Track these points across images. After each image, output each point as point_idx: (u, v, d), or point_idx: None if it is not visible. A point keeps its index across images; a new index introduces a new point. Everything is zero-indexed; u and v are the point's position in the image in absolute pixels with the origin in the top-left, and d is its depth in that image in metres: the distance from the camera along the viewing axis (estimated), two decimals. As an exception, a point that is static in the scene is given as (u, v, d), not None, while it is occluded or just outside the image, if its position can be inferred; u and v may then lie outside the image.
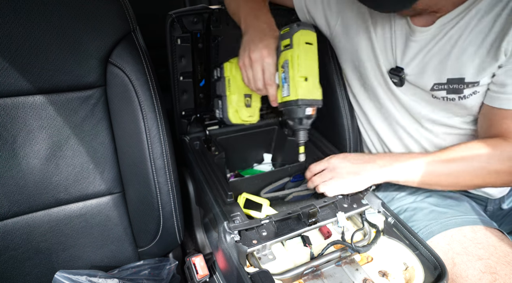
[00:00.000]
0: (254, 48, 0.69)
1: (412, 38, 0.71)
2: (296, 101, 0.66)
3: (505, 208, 0.88)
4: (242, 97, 0.85)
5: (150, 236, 0.79)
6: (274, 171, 0.90)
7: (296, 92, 0.66)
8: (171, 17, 0.78)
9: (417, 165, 0.69)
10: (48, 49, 0.63)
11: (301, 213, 0.67)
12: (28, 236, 0.70)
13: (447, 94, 0.71)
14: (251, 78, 0.72)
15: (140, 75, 0.70)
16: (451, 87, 0.70)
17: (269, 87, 0.71)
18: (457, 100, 0.70)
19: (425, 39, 0.70)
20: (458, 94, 0.70)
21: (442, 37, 0.68)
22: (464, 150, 0.69)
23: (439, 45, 0.69)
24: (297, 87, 0.66)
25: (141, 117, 0.70)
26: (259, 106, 0.89)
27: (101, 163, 0.73)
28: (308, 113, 0.67)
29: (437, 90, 0.71)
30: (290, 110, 0.68)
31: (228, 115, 0.85)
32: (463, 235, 0.68)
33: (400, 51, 0.74)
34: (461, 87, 0.68)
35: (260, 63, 0.69)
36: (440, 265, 0.59)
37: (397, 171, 0.70)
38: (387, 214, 0.69)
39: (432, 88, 0.71)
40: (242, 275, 0.56)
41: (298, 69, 0.66)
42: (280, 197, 0.83)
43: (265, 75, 0.70)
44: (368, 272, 0.61)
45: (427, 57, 0.71)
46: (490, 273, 0.61)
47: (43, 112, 0.66)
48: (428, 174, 0.69)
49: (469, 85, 0.68)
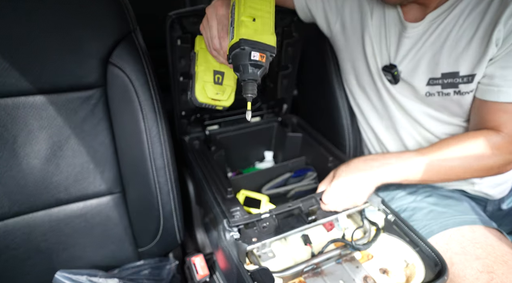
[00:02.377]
0: (210, 4, 0.63)
1: (405, 34, 0.72)
2: (239, 42, 0.54)
3: (505, 209, 0.87)
4: (210, 72, 0.73)
5: (150, 236, 0.79)
6: (275, 167, 0.90)
7: (238, 31, 0.55)
8: (171, 18, 0.79)
9: (411, 165, 0.69)
10: (49, 49, 0.63)
11: (301, 206, 0.67)
12: (29, 236, 0.70)
13: (442, 88, 0.71)
14: (209, 39, 0.64)
15: (140, 75, 0.70)
16: (445, 82, 0.70)
17: (222, 41, 0.61)
18: (453, 94, 0.71)
19: (417, 34, 0.70)
20: (453, 89, 0.70)
21: (433, 31, 0.69)
22: (456, 144, 0.69)
23: (431, 39, 0.69)
24: (240, 26, 0.55)
25: (141, 117, 0.70)
26: (232, 87, 0.75)
27: (101, 163, 0.74)
28: (254, 58, 0.54)
29: (432, 84, 0.71)
30: (234, 56, 0.56)
31: (194, 92, 0.73)
32: (461, 234, 0.68)
33: (394, 48, 0.75)
34: (456, 81, 0.69)
35: (215, 17, 0.62)
36: (441, 262, 0.59)
37: (391, 174, 0.69)
38: (387, 212, 0.69)
39: (428, 82, 0.72)
40: (242, 273, 0.56)
41: (244, 9, 0.56)
42: (282, 193, 0.83)
43: (218, 28, 0.62)
44: (369, 269, 0.61)
45: (420, 53, 0.71)
46: (488, 273, 0.61)
47: (44, 112, 0.67)
48: (422, 172, 0.69)
49: (464, 78, 0.68)
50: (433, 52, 0.70)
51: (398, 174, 0.69)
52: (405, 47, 0.73)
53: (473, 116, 0.72)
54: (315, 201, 0.68)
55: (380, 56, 0.77)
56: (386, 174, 0.69)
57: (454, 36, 0.67)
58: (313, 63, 1.00)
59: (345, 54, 0.85)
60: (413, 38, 0.71)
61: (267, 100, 1.02)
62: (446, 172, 0.69)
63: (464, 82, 0.68)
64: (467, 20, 0.65)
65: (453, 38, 0.67)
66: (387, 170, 0.69)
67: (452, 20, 0.66)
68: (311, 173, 0.87)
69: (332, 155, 0.83)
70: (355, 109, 0.93)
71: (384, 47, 0.76)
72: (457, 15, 0.66)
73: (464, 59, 0.67)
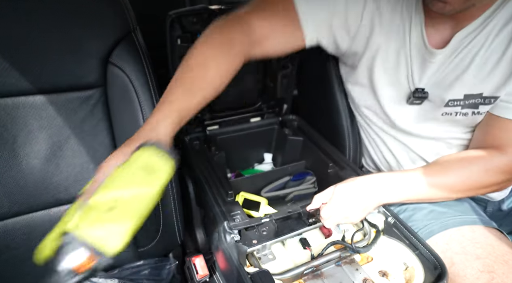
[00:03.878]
0: None
1: (430, 60, 0.68)
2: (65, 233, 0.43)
3: (505, 209, 0.88)
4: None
5: (150, 236, 0.79)
6: (275, 171, 0.90)
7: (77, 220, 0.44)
8: (171, 17, 0.78)
9: (413, 187, 0.68)
10: (48, 49, 0.63)
11: (301, 212, 0.67)
12: (28, 236, 0.70)
13: (462, 109, 0.69)
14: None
15: (140, 75, 0.70)
16: (467, 103, 0.67)
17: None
18: (470, 115, 0.68)
19: (443, 57, 0.67)
20: (473, 109, 0.67)
21: (460, 52, 0.65)
22: (460, 166, 0.68)
23: (456, 61, 0.66)
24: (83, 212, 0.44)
25: (141, 117, 0.70)
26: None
27: (101, 163, 0.73)
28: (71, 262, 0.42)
29: (452, 106, 0.69)
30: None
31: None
32: (461, 234, 0.68)
33: (418, 74, 0.70)
34: (478, 101, 0.66)
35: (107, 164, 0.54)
36: (440, 265, 0.59)
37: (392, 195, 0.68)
38: (387, 214, 0.69)
39: (447, 104, 0.69)
40: (242, 275, 0.56)
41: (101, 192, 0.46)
42: (281, 196, 0.83)
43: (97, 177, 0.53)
44: (368, 272, 0.61)
45: (443, 74, 0.68)
46: (488, 272, 0.61)
47: (43, 112, 0.66)
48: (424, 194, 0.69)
49: (486, 100, 0.65)
50: (457, 73, 0.66)
51: (399, 196, 0.68)
52: (430, 71, 0.69)
53: (480, 130, 0.71)
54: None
55: (399, 80, 0.73)
56: (387, 196, 0.67)
57: (482, 57, 0.63)
58: (313, 63, 0.99)
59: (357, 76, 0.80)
60: (439, 62, 0.67)
61: (267, 100, 1.02)
62: (449, 194, 0.69)
63: (485, 103, 0.66)
64: (495, 40, 0.62)
65: (480, 58, 0.63)
66: (388, 192, 0.67)
67: (480, 41, 0.63)
68: (310, 177, 0.87)
69: (333, 161, 0.83)
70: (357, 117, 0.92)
71: (403, 71, 0.72)
72: (485, 35, 0.62)
73: (489, 81, 0.64)
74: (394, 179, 0.68)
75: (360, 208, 0.65)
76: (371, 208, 0.67)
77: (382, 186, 0.67)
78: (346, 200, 0.64)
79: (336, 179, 0.78)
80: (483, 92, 0.65)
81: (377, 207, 0.68)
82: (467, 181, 0.68)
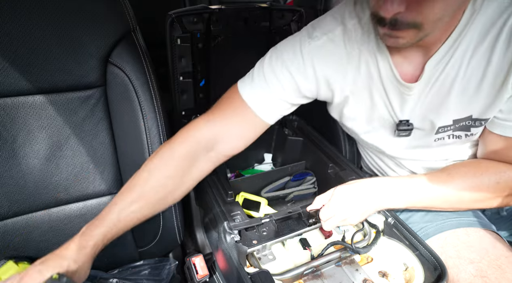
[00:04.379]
0: None
1: (407, 93, 0.64)
2: None
3: (504, 215, 0.87)
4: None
5: (150, 236, 0.79)
6: (275, 171, 0.90)
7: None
8: (171, 17, 0.78)
9: (417, 193, 0.66)
10: (48, 49, 0.63)
11: (301, 212, 0.67)
12: (28, 236, 0.70)
13: (454, 132, 0.66)
14: None
15: (140, 75, 0.70)
16: (457, 126, 0.65)
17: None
18: (464, 137, 0.66)
19: (419, 89, 0.63)
20: (465, 132, 0.65)
21: (436, 81, 0.61)
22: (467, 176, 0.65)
23: (434, 89, 0.62)
24: None
25: (141, 117, 0.70)
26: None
27: (101, 163, 0.73)
28: None
29: (442, 132, 0.66)
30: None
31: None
32: (456, 237, 0.68)
33: (398, 107, 0.67)
34: (469, 123, 0.63)
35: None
36: (440, 266, 0.59)
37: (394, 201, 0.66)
38: (387, 215, 0.69)
39: (437, 131, 0.66)
40: (242, 276, 0.56)
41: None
42: (280, 197, 0.83)
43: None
44: (368, 272, 0.61)
45: (425, 104, 0.65)
46: (481, 277, 0.61)
47: (43, 112, 0.66)
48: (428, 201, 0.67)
49: (476, 122, 0.63)
50: (439, 100, 0.63)
51: (401, 202, 0.66)
52: (410, 104, 0.65)
53: (482, 146, 0.68)
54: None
55: (382, 115, 0.70)
56: (389, 201, 0.65)
57: (461, 81, 0.60)
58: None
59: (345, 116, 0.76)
60: (416, 94, 0.64)
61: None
62: (453, 204, 0.66)
63: (476, 125, 0.64)
64: (471, 61, 0.58)
65: (459, 83, 0.60)
66: (391, 197, 0.65)
67: (455, 64, 0.59)
68: (310, 178, 0.87)
69: (332, 161, 0.83)
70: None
71: (385, 107, 0.69)
72: (459, 57, 0.58)
73: (475, 103, 0.61)
74: (398, 184, 0.66)
75: (359, 211, 0.63)
76: (371, 211, 0.65)
77: (385, 190, 0.65)
78: (345, 202, 0.63)
79: (337, 179, 0.78)
80: (472, 115, 0.62)
81: (377, 210, 0.67)
82: (476, 192, 0.64)
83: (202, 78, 0.90)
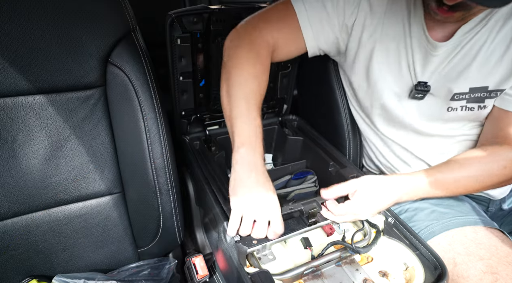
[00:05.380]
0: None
1: (433, 53, 0.68)
2: None
3: (506, 209, 0.88)
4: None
5: (150, 236, 0.79)
6: (275, 170, 0.90)
7: None
8: (171, 17, 0.78)
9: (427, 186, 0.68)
10: (48, 49, 0.63)
11: (303, 209, 0.67)
12: (28, 236, 0.70)
13: (467, 103, 0.69)
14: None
15: (140, 75, 0.70)
16: (472, 96, 0.68)
17: None
18: (477, 109, 0.69)
19: (446, 51, 0.67)
20: (479, 103, 0.68)
21: (463, 47, 0.65)
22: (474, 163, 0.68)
23: (460, 54, 0.66)
24: None
25: (141, 117, 0.70)
26: None
27: (101, 163, 0.73)
28: None
29: (457, 100, 0.69)
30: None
31: None
32: (464, 235, 0.68)
33: (420, 67, 0.70)
34: (484, 95, 0.67)
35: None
36: (441, 265, 0.59)
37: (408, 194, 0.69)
38: (387, 214, 0.69)
39: (453, 97, 0.69)
40: (242, 276, 0.56)
41: None
42: (281, 195, 0.83)
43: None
44: (368, 272, 0.61)
45: (447, 68, 0.68)
46: (491, 273, 0.61)
47: (43, 112, 0.66)
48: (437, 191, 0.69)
49: (491, 93, 0.66)
50: (462, 67, 0.67)
51: (414, 194, 0.69)
52: (433, 65, 0.69)
53: (489, 125, 0.71)
54: (316, 204, 0.68)
55: (401, 75, 0.73)
56: (404, 195, 0.68)
57: (486, 50, 0.64)
58: (313, 63, 0.99)
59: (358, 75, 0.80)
60: (442, 55, 0.68)
61: (267, 100, 1.02)
62: (460, 191, 0.69)
63: (491, 96, 0.67)
64: (498, 35, 0.63)
65: (484, 52, 0.64)
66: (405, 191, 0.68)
67: (483, 35, 0.64)
68: (311, 176, 0.87)
69: (333, 159, 0.83)
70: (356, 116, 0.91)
71: (405, 66, 0.72)
72: (488, 30, 0.63)
73: (494, 74, 0.65)
74: (413, 180, 0.68)
75: (376, 209, 0.66)
76: (385, 206, 0.68)
77: (402, 186, 0.67)
78: (368, 202, 0.65)
79: (338, 177, 0.78)
80: (489, 86, 0.66)
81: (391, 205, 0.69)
82: (482, 178, 0.68)
83: (202, 78, 0.90)
